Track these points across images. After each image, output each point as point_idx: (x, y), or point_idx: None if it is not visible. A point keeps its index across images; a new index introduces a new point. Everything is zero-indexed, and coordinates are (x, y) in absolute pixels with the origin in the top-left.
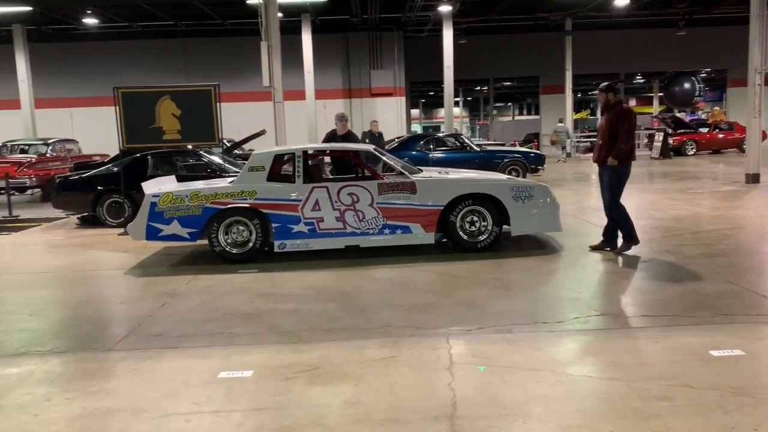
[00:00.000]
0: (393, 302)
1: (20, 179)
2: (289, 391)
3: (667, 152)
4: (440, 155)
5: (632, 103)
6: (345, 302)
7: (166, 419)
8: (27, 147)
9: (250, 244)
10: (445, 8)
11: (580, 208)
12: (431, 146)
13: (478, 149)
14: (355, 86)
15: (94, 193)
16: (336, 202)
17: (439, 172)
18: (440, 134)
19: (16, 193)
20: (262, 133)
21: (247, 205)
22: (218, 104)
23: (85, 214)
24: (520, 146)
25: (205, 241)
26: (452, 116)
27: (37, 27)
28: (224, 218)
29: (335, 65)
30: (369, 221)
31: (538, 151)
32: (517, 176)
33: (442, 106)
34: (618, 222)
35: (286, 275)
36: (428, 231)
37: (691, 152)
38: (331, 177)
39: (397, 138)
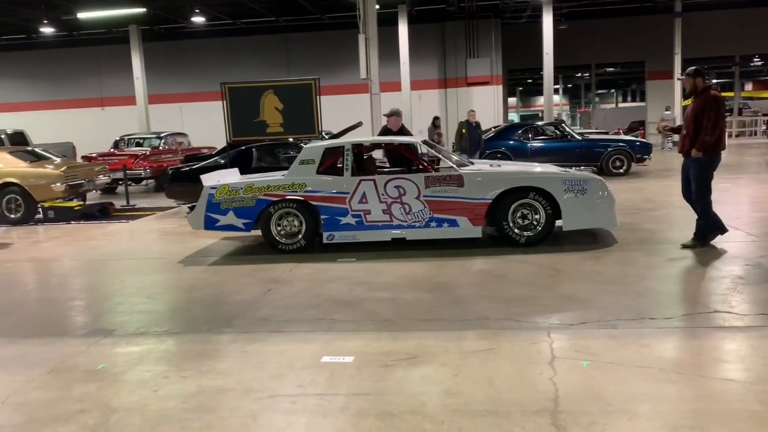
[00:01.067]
0: (490, 294)
1: (136, 171)
2: (389, 378)
3: None
4: (539, 145)
5: (748, 87)
6: (441, 293)
7: (273, 400)
8: (142, 140)
9: (300, 235)
10: None
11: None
12: (530, 135)
13: (580, 138)
14: (451, 76)
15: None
16: (383, 194)
17: (491, 165)
18: (539, 123)
19: (133, 184)
20: (358, 125)
21: (297, 198)
22: (318, 97)
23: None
24: (624, 135)
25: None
26: (552, 104)
27: (150, 27)
28: (276, 210)
29: (431, 55)
30: (415, 214)
31: (644, 140)
32: (622, 166)
33: (540, 94)
34: (699, 216)
35: (382, 265)
36: (475, 224)
37: None
38: (385, 170)
39: (494, 127)
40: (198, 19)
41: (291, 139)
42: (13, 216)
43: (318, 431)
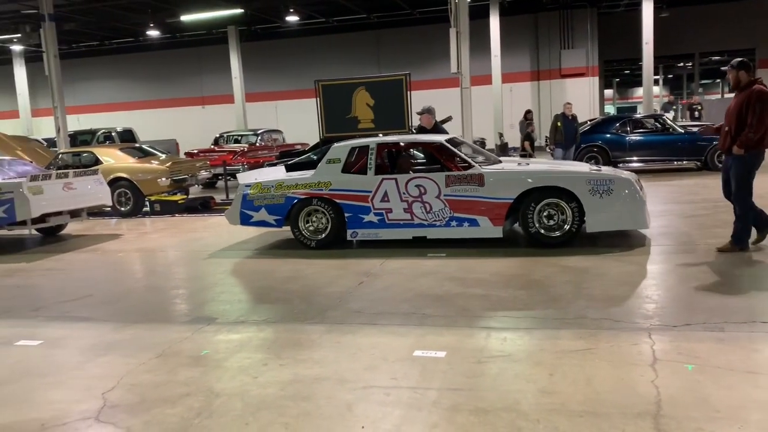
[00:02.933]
0: (587, 293)
1: (234, 166)
2: (482, 375)
3: None
4: (638, 138)
5: None
6: (535, 290)
7: (367, 391)
8: (239, 137)
9: (326, 232)
10: None
11: None
12: (628, 128)
13: (682, 131)
14: (544, 68)
15: None
16: (404, 193)
17: (519, 164)
18: (638, 115)
19: (231, 179)
20: (448, 119)
21: (323, 195)
22: (409, 92)
23: None
24: None
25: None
26: (651, 96)
27: (247, 27)
28: (303, 207)
29: (522, 47)
30: (436, 213)
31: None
32: None
33: (638, 85)
34: (738, 218)
35: (473, 261)
36: (496, 224)
37: None
38: (420, 169)
39: (590, 120)
40: (292, 19)
41: (381, 135)
42: (123, 209)
43: (412, 424)
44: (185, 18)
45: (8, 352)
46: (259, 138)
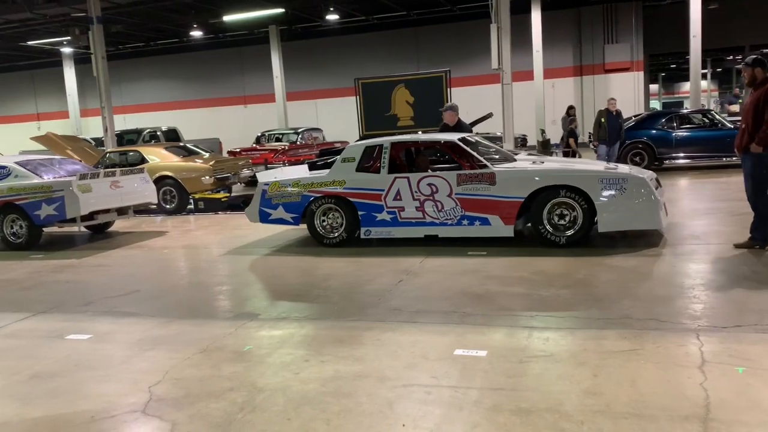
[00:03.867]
0: (632, 292)
1: (276, 165)
2: (524, 375)
3: None
4: (685, 134)
5: None
6: (579, 289)
7: (408, 389)
8: (280, 136)
9: (341, 229)
10: None
11: None
12: (675, 124)
13: (732, 126)
14: (587, 62)
15: None
16: (416, 192)
17: (533, 162)
18: (685, 110)
19: None
20: (489, 116)
21: (337, 194)
22: (449, 89)
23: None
24: None
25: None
26: (699, 90)
27: (288, 27)
28: (319, 205)
29: (565, 42)
30: (447, 212)
31: None
32: None
33: (685, 79)
34: (761, 215)
35: (515, 259)
36: (507, 223)
37: None
38: (433, 168)
39: (635, 116)
40: (332, 17)
41: (420, 132)
42: (168, 206)
43: (453, 423)
44: (227, 18)
45: (60, 345)
46: (300, 136)
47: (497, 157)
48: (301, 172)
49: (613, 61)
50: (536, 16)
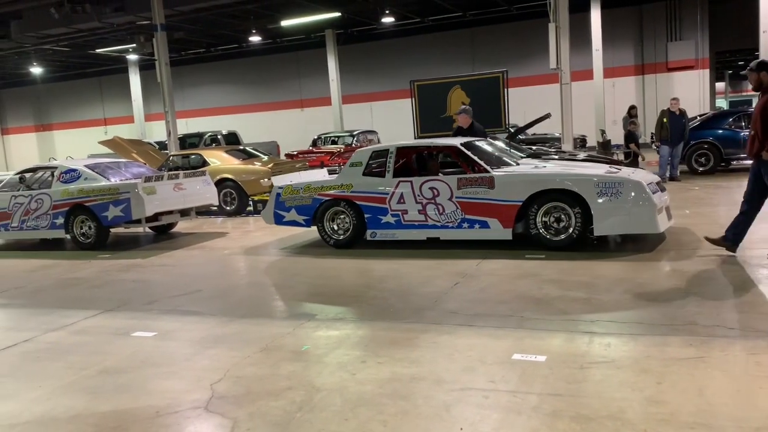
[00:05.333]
0: (697, 298)
1: (332, 167)
2: (585, 381)
3: None
4: None
5: None
6: (640, 294)
7: (465, 392)
8: (336, 138)
9: (349, 231)
10: None
11: None
12: (743, 124)
13: None
14: (649, 61)
15: None
16: (418, 195)
17: (535, 166)
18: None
19: None
20: (547, 116)
21: (345, 197)
22: (506, 90)
23: None
24: None
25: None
26: None
27: (344, 30)
28: (328, 207)
29: (626, 40)
30: (448, 215)
31: None
32: None
33: None
34: (748, 220)
35: (574, 263)
36: (506, 226)
37: None
38: (446, 171)
39: (700, 115)
40: (388, 20)
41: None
42: (228, 208)
43: (512, 428)
44: (285, 23)
45: (127, 342)
46: (355, 139)
47: (499, 161)
48: (319, 176)
49: (677, 59)
50: (596, 15)
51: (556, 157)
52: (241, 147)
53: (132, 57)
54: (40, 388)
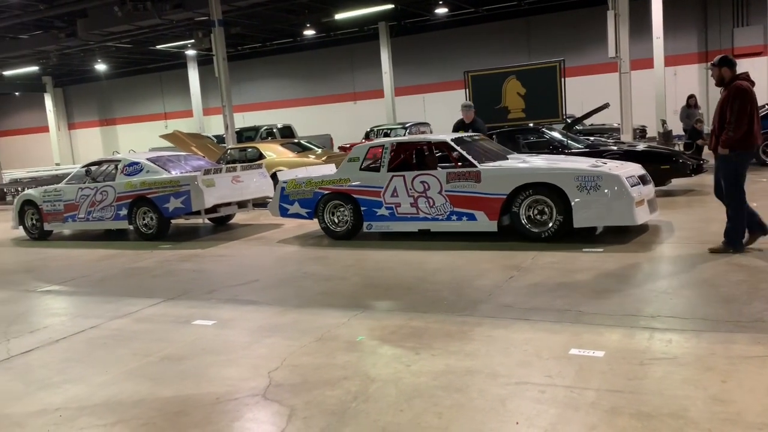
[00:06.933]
0: (765, 294)
1: None
2: (645, 377)
3: None
4: None
5: None
6: (705, 289)
7: (520, 387)
8: (389, 131)
9: (347, 224)
10: None
11: None
12: None
13: None
14: (713, 48)
15: None
16: (410, 189)
17: (523, 161)
18: None
19: None
20: (605, 106)
21: (342, 190)
22: (563, 79)
23: None
24: None
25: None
26: None
27: (397, 22)
28: (328, 201)
29: (688, 27)
30: (438, 207)
31: None
32: None
33: None
34: (729, 218)
35: (633, 256)
36: (491, 219)
37: None
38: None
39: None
40: (441, 11)
41: (531, 124)
42: None
43: (569, 424)
44: (339, 16)
45: (188, 330)
46: (407, 131)
47: (488, 155)
48: (325, 170)
49: (744, 45)
50: (657, 1)
51: (615, 148)
52: (296, 140)
53: (190, 52)
54: (106, 373)
